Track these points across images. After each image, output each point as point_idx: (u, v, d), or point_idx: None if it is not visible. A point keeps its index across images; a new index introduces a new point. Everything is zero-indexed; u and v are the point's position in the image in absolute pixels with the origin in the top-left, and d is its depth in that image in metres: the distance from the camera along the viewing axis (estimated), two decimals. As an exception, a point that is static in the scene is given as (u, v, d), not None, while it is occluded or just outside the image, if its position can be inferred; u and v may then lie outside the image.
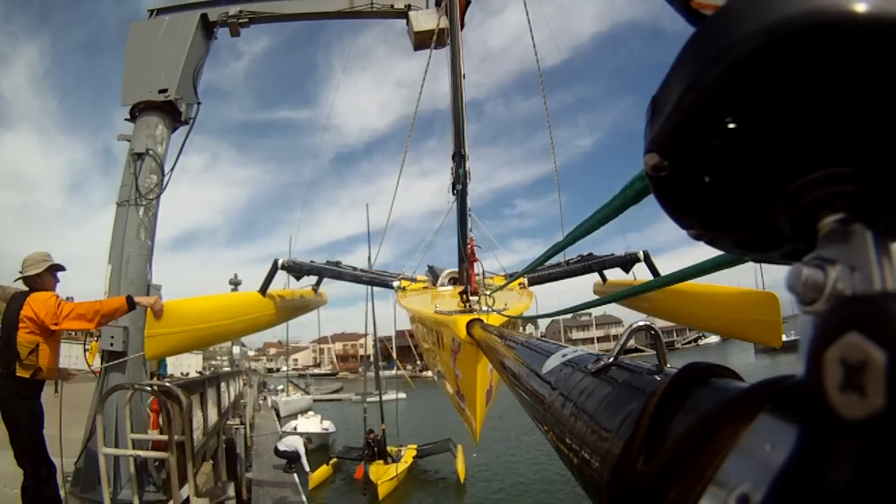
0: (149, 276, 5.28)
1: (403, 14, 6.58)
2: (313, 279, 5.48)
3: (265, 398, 22.77)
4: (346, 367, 63.20)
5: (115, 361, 4.58)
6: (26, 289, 3.56)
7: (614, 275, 5.56)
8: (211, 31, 6.39)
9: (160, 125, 5.62)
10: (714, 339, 55.07)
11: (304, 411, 18.23)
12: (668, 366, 0.51)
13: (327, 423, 15.99)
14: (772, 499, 0.23)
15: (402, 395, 13.51)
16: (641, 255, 5.18)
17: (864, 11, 0.22)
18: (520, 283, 4.93)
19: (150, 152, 5.43)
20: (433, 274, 5.69)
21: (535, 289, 5.19)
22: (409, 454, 11.18)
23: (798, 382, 0.27)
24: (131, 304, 3.59)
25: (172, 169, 5.59)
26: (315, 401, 25.28)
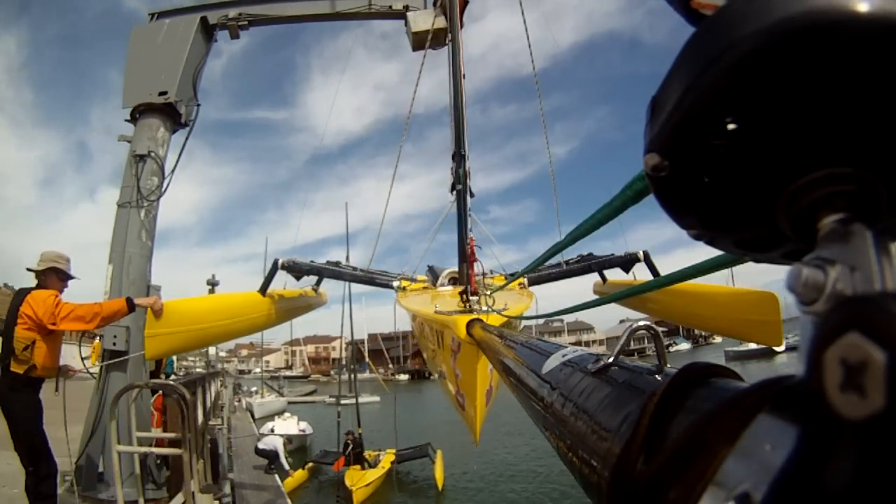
0: (148, 277, 5.30)
1: (401, 15, 6.59)
2: (313, 279, 5.48)
3: (240, 400, 22.50)
4: (318, 369, 62.82)
5: (116, 360, 4.60)
6: (34, 283, 3.56)
7: (614, 275, 5.56)
8: (211, 33, 6.40)
9: (161, 128, 5.64)
10: (685, 345, 55.79)
11: (278, 413, 18.09)
12: (668, 366, 0.51)
13: (304, 425, 15.75)
14: (772, 499, 0.23)
15: (376, 399, 13.21)
16: (641, 255, 5.18)
17: (864, 11, 0.22)
18: (520, 284, 4.93)
19: (152, 154, 5.46)
20: (433, 274, 5.69)
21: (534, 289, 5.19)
22: (386, 459, 10.95)
23: (798, 382, 0.27)
24: (131, 306, 3.58)
25: (173, 171, 5.63)
26: (289, 403, 25.09)
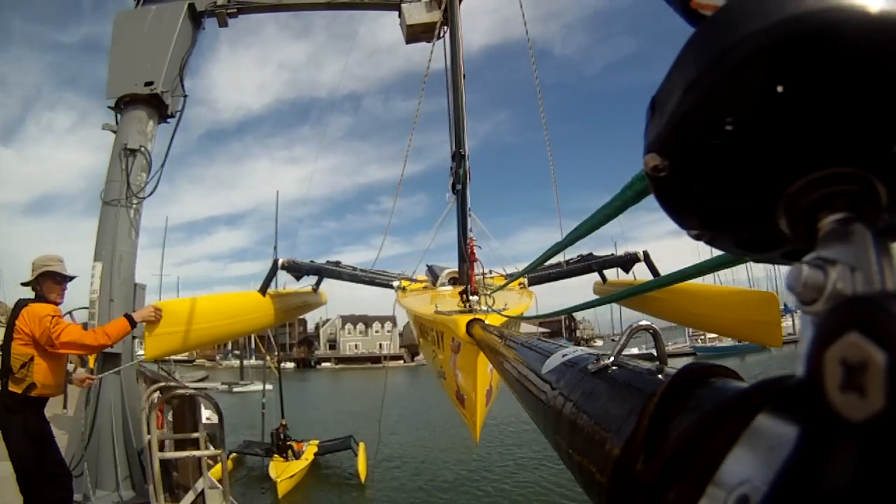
0: (134, 276, 5.18)
1: (396, 6, 6.48)
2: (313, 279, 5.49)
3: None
4: (202, 354, 60.46)
5: (114, 369, 4.58)
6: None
7: (614, 275, 5.57)
8: (199, 21, 6.16)
9: (150, 121, 5.47)
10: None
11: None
12: (668, 366, 0.52)
13: (208, 413, 15.21)
14: (771, 499, 0.23)
15: (269, 387, 12.57)
16: (641, 255, 5.19)
17: (861, 12, 0.22)
18: (520, 284, 4.93)
19: (142, 149, 5.27)
20: (433, 274, 5.68)
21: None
22: (310, 450, 10.76)
23: (798, 382, 0.27)
24: (133, 324, 3.45)
25: (162, 166, 5.43)
26: (186, 389, 24.55)
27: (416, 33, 6.11)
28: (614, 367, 0.58)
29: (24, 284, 3.46)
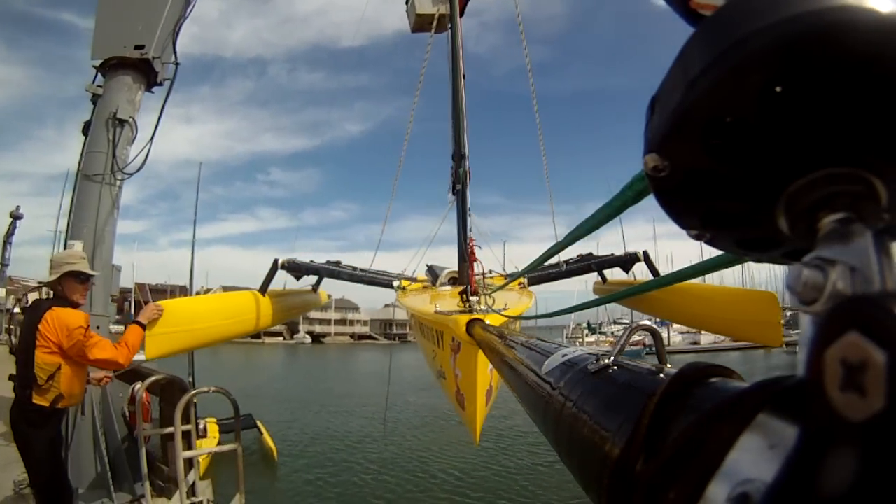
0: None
1: None
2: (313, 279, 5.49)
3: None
4: None
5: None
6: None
7: (613, 275, 5.57)
8: None
9: (140, 90, 5.07)
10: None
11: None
12: (668, 366, 0.52)
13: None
14: (772, 499, 0.23)
15: (141, 357, 11.76)
16: (641, 255, 5.19)
17: (863, 12, 0.22)
18: (520, 284, 4.94)
19: (131, 120, 4.84)
20: (433, 274, 5.69)
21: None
22: (212, 429, 10.05)
23: (798, 382, 0.27)
24: (144, 328, 3.36)
25: (152, 139, 4.94)
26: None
27: (423, 23, 6.03)
28: (614, 367, 0.58)
29: (42, 285, 3.25)
